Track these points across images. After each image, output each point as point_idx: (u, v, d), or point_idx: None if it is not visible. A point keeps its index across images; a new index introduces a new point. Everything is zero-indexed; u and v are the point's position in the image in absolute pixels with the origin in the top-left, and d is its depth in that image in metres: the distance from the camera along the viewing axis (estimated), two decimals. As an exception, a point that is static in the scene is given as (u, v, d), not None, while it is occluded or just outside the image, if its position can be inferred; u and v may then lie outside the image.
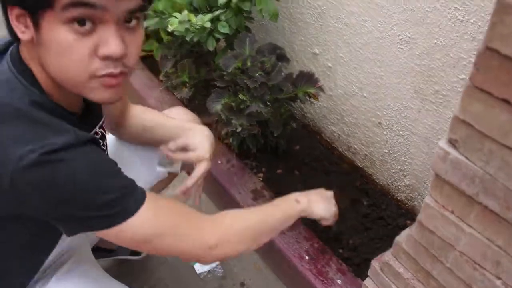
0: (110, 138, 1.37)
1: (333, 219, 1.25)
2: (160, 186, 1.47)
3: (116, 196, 0.82)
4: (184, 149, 1.23)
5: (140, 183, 1.31)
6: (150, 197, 0.88)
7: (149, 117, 1.30)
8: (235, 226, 1.01)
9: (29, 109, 0.79)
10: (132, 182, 0.88)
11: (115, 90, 0.84)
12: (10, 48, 0.86)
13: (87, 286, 1.13)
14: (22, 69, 0.83)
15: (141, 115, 1.30)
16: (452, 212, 0.90)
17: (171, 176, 1.44)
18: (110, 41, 0.76)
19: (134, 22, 0.80)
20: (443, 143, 0.85)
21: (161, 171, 1.33)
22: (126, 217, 0.84)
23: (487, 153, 0.76)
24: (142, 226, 0.86)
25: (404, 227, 1.68)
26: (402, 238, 1.12)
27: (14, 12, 0.76)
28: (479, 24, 1.18)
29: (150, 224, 0.87)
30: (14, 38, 0.82)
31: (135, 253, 1.72)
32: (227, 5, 1.60)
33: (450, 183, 0.86)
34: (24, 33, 0.78)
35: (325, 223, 1.25)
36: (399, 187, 1.72)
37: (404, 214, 1.72)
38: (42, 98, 0.82)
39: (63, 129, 0.80)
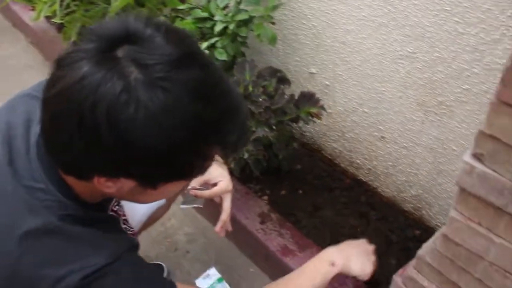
0: None
1: (368, 276, 1.23)
2: (162, 212, 1.46)
3: None
4: (205, 183, 1.24)
5: (143, 210, 1.31)
6: None
7: None
8: None
9: (65, 224, 0.74)
10: (171, 284, 0.87)
11: None
12: (35, 141, 0.79)
13: None
14: (56, 178, 0.77)
15: None
16: (479, 224, 0.92)
17: (169, 202, 1.45)
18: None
19: None
20: (468, 158, 0.86)
21: (186, 208, 1.33)
22: None
23: (516, 165, 0.78)
24: None
25: (413, 237, 1.70)
26: (424, 251, 1.13)
27: (103, 178, 0.70)
28: (481, 35, 1.21)
29: None
30: (78, 176, 0.74)
31: None
32: (222, 32, 1.61)
33: (477, 196, 0.88)
34: (111, 188, 0.72)
35: (360, 279, 1.24)
36: (406, 198, 1.74)
37: (413, 225, 1.73)
38: (76, 210, 0.77)
39: (102, 244, 0.76)
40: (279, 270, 1.61)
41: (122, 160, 0.65)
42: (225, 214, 1.24)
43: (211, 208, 1.81)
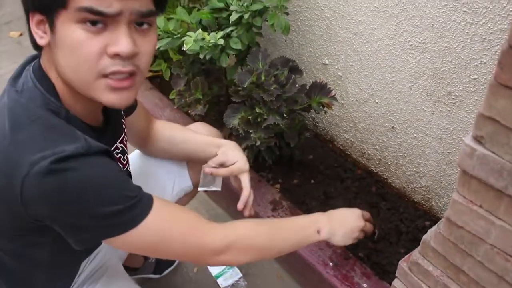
0: (136, 153, 1.40)
1: (355, 241, 1.25)
2: (186, 200, 1.50)
3: (124, 206, 0.84)
4: (222, 165, 1.26)
5: (167, 197, 1.35)
6: (157, 205, 0.90)
7: (176, 133, 1.33)
8: (244, 241, 1.03)
9: (47, 115, 0.84)
10: (139, 190, 0.90)
11: (124, 94, 0.86)
12: (35, 60, 0.92)
13: None
14: (41, 77, 0.88)
15: (167, 130, 1.32)
16: (480, 206, 0.93)
17: (195, 190, 1.47)
18: (120, 40, 0.79)
19: (145, 26, 0.84)
20: (468, 140, 0.88)
21: (204, 190, 1.34)
22: (133, 226, 0.87)
23: (514, 146, 0.80)
24: (148, 234, 0.89)
25: (423, 228, 1.71)
26: (429, 236, 1.15)
27: (34, 19, 0.83)
28: (489, 25, 1.22)
29: (156, 232, 0.90)
30: (35, 47, 0.89)
31: (157, 271, 1.74)
32: (238, 22, 1.64)
33: (478, 178, 0.90)
34: (42, 38, 0.84)
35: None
36: (416, 189, 1.76)
37: (422, 216, 1.75)
38: (58, 107, 0.86)
39: (75, 136, 0.83)
40: (289, 256, 1.64)
41: None
42: (246, 191, 1.25)
43: (228, 200, 1.86)
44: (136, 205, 0.87)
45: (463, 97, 1.40)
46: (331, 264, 1.55)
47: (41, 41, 0.84)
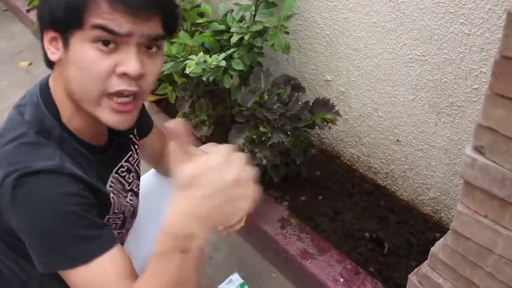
0: (151, 172, 1.42)
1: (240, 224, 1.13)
2: None
3: (81, 234, 0.82)
4: None
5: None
6: (114, 252, 0.84)
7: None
8: None
9: (33, 135, 0.87)
10: (101, 228, 0.85)
11: (125, 117, 0.89)
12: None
13: None
14: (44, 93, 0.93)
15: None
16: (486, 216, 0.93)
17: None
18: (130, 61, 0.83)
19: (154, 49, 0.88)
20: (469, 151, 0.89)
21: None
22: (80, 263, 0.82)
23: (515, 155, 0.80)
24: (83, 279, 0.83)
25: (433, 240, 1.70)
26: (437, 248, 1.14)
27: (48, 36, 0.87)
28: (486, 35, 1.23)
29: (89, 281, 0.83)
30: (48, 63, 0.92)
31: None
32: (239, 43, 1.67)
33: (481, 188, 0.90)
34: (54, 54, 0.87)
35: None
36: (424, 201, 1.75)
37: (432, 227, 1.74)
38: (52, 124, 0.90)
39: (51, 156, 0.85)
40: (300, 274, 1.64)
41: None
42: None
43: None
44: (91, 241, 0.83)
45: (465, 107, 1.40)
46: (341, 280, 1.55)
47: (52, 57, 0.88)
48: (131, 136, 1.14)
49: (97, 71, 0.82)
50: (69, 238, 0.82)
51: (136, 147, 1.16)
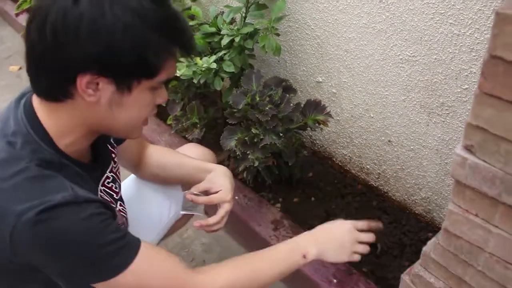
0: (131, 177, 1.41)
1: (353, 258, 1.19)
2: (184, 221, 1.50)
3: (109, 251, 0.85)
4: (207, 191, 1.25)
5: (162, 222, 1.35)
6: (143, 251, 0.90)
7: (167, 158, 1.33)
8: (230, 286, 1.00)
9: (36, 168, 0.84)
10: (124, 236, 0.89)
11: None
12: (23, 100, 0.92)
13: None
14: (34, 123, 0.89)
15: (159, 155, 1.33)
16: (476, 215, 0.94)
17: (189, 215, 1.47)
18: (164, 93, 0.94)
19: None
20: (459, 150, 0.89)
21: (186, 213, 1.33)
22: (118, 272, 0.87)
23: (504, 154, 0.80)
24: (132, 280, 0.88)
25: (426, 240, 1.70)
26: (429, 247, 1.15)
27: (85, 79, 0.81)
28: (476, 35, 1.24)
29: (139, 279, 0.89)
30: (53, 99, 0.87)
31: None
32: (229, 45, 1.67)
33: (472, 187, 0.90)
34: (92, 96, 0.84)
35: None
36: (416, 201, 1.76)
37: (425, 227, 1.75)
38: (51, 154, 0.88)
39: (61, 186, 0.84)
40: (293, 275, 1.63)
41: (91, 52, 0.79)
42: (213, 219, 1.21)
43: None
44: (122, 250, 0.87)
45: (456, 107, 1.41)
46: (335, 281, 1.55)
47: (90, 99, 0.84)
48: (108, 145, 1.14)
49: (150, 109, 0.93)
50: (102, 257, 0.85)
51: (114, 155, 1.15)
